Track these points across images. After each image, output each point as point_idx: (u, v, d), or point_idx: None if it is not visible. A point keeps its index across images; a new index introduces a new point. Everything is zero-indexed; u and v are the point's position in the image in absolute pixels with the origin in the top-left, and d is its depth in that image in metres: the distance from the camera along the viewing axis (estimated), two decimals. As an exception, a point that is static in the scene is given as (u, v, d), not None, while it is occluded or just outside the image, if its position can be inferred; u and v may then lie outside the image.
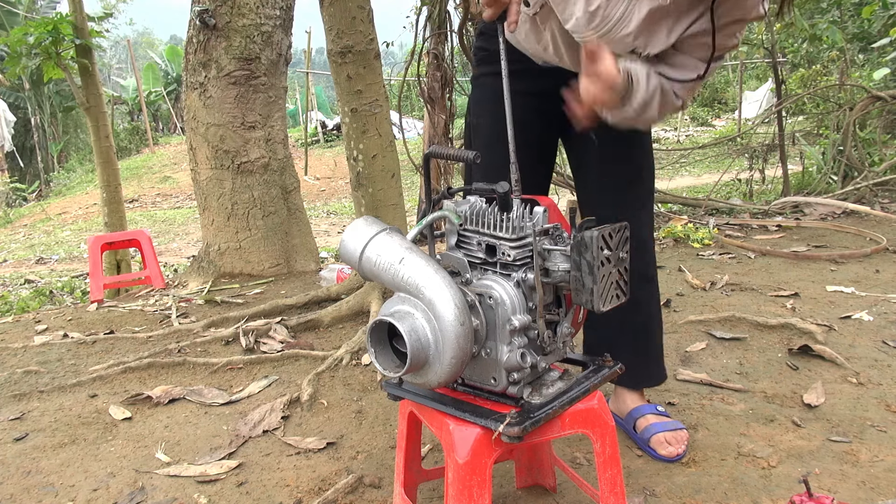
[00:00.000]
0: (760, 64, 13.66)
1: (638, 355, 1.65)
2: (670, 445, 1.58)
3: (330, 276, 3.35)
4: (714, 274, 3.19)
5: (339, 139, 14.84)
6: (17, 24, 11.92)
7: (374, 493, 1.50)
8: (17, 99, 14.89)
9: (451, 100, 4.65)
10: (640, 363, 1.66)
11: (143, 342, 2.60)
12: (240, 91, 3.57)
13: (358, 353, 2.29)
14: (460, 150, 1.12)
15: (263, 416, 1.89)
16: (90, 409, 2.01)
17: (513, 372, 1.02)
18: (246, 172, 3.65)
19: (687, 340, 2.32)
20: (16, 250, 8.18)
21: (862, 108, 5.14)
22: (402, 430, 1.25)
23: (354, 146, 2.62)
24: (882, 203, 4.61)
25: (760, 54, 9.84)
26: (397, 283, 1.01)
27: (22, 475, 1.65)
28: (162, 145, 15.83)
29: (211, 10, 3.44)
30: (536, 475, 1.47)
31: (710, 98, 16.92)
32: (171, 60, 19.61)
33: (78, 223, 10.03)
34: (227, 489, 1.56)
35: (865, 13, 4.98)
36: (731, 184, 6.49)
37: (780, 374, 2.03)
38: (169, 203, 11.34)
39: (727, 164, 6.65)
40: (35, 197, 13.43)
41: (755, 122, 8.75)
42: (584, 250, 0.98)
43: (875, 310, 2.52)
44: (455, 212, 1.11)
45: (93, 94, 4.71)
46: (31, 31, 4.47)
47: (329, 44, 2.51)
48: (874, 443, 1.61)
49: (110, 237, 4.38)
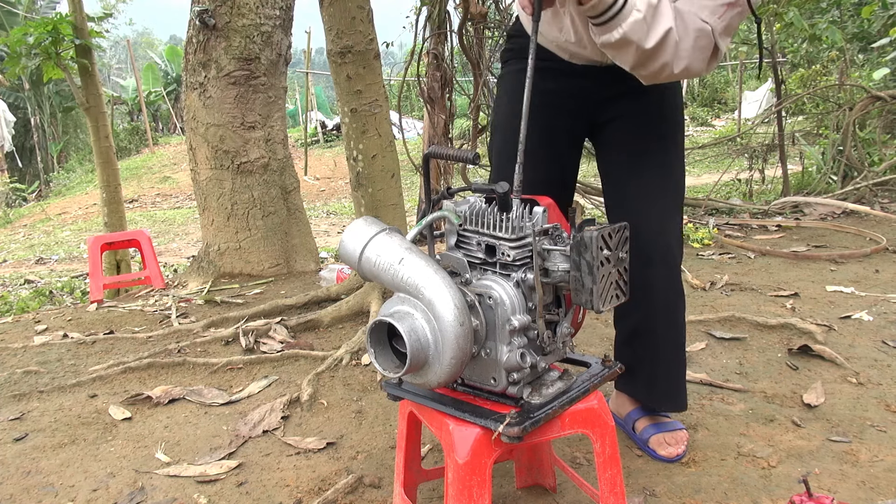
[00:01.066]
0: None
1: (671, 378, 1.60)
2: (670, 446, 1.58)
3: (330, 277, 3.35)
4: (714, 274, 3.19)
5: (338, 139, 14.85)
6: (16, 24, 11.92)
7: (373, 493, 1.50)
8: (16, 99, 14.88)
9: (450, 100, 4.65)
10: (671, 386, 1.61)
11: (142, 342, 2.60)
12: (239, 91, 3.57)
13: (358, 353, 2.29)
14: (460, 150, 1.12)
15: (263, 416, 1.89)
16: (90, 409, 2.01)
17: (512, 372, 1.02)
18: (246, 172, 3.65)
19: (687, 340, 2.32)
20: (15, 250, 8.18)
21: (862, 108, 5.14)
22: (401, 430, 1.25)
23: (354, 146, 2.62)
24: (882, 203, 4.61)
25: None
26: (397, 284, 1.01)
27: (22, 475, 1.65)
28: (162, 145, 15.82)
29: (211, 10, 3.44)
30: (536, 475, 1.47)
31: (710, 98, 16.92)
32: (170, 60, 19.59)
33: (78, 223, 10.02)
34: (227, 489, 1.56)
35: (865, 13, 4.98)
36: (730, 184, 6.49)
37: (780, 374, 2.03)
38: (169, 203, 11.33)
39: (727, 164, 6.65)
40: (35, 197, 13.42)
41: (755, 122, 8.75)
42: (583, 250, 0.98)
43: (875, 310, 2.52)
44: (455, 212, 1.11)
45: (92, 95, 4.71)
46: (31, 31, 4.47)
47: (329, 44, 2.51)
48: (874, 443, 1.61)
49: (110, 237, 4.38)
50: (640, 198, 1.54)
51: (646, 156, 1.56)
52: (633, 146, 1.57)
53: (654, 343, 1.57)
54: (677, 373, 1.61)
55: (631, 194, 1.56)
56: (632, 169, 1.57)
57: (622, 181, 1.59)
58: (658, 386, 1.60)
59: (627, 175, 1.57)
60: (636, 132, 1.57)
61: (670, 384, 1.60)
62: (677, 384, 1.61)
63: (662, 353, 1.58)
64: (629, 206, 1.55)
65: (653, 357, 1.58)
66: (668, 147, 1.58)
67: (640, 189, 1.55)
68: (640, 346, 1.59)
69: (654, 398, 1.62)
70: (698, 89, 17.20)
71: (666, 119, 1.58)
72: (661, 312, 1.56)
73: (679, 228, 1.61)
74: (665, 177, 1.56)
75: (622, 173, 1.59)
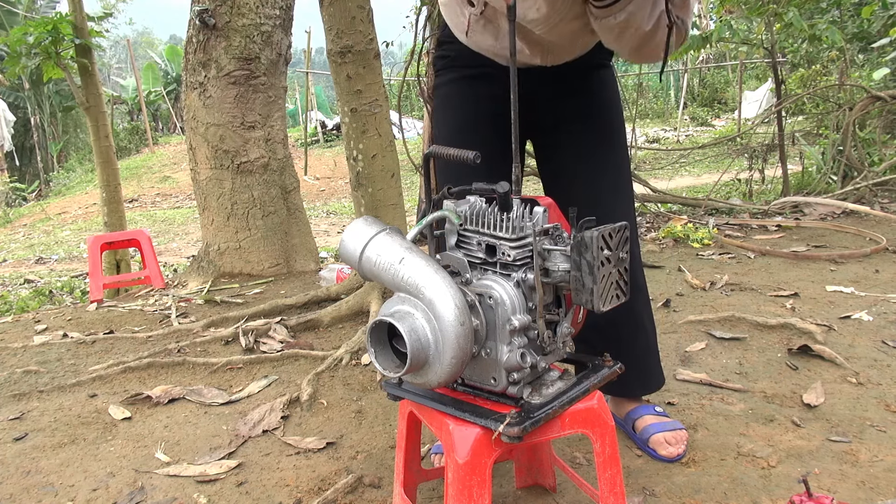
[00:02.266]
0: (760, 64, 13.66)
1: (637, 363, 1.62)
2: (670, 446, 1.58)
3: (330, 276, 3.36)
4: (714, 274, 3.19)
5: (338, 139, 14.84)
6: (16, 23, 11.91)
7: (373, 493, 1.50)
8: (16, 99, 14.87)
9: (450, 100, 4.64)
10: (639, 371, 1.64)
11: (142, 342, 2.60)
12: (239, 91, 3.57)
13: (358, 353, 2.29)
14: (460, 150, 1.12)
15: (263, 416, 1.89)
16: (90, 408, 2.01)
17: (513, 372, 1.02)
18: (246, 172, 3.65)
19: (686, 340, 2.32)
20: (15, 250, 8.17)
21: (862, 108, 5.14)
22: (401, 430, 1.25)
23: (354, 146, 2.62)
24: (882, 203, 4.61)
25: (760, 54, 9.84)
26: (397, 283, 1.01)
27: (22, 475, 1.65)
28: (161, 145, 15.81)
29: (210, 9, 3.44)
30: (536, 475, 1.47)
31: (710, 98, 16.92)
32: (170, 60, 19.59)
33: (77, 223, 10.02)
34: (227, 489, 1.56)
35: (865, 13, 4.98)
36: (730, 184, 6.49)
37: (780, 374, 2.03)
38: (169, 203, 11.33)
39: (727, 164, 6.65)
40: (35, 197, 13.41)
41: (755, 122, 8.76)
42: (584, 250, 0.98)
43: (875, 310, 2.52)
44: (455, 212, 1.11)
45: (92, 94, 4.71)
46: (31, 30, 4.47)
47: (329, 44, 2.51)
48: (874, 443, 1.61)
49: (110, 237, 4.38)
50: (591, 198, 1.55)
51: (594, 156, 1.57)
52: (581, 147, 1.58)
53: (616, 334, 1.59)
54: (645, 356, 1.65)
55: (581, 195, 1.56)
56: (583, 169, 1.58)
57: (572, 181, 1.59)
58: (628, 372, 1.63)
59: (577, 175, 1.58)
60: (583, 134, 1.58)
61: (639, 368, 1.63)
62: (646, 367, 1.66)
63: (626, 342, 1.62)
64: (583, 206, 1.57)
65: (617, 346, 1.60)
66: (615, 146, 1.59)
67: (591, 189, 1.56)
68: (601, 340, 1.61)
69: (627, 385, 1.62)
70: (698, 89, 17.20)
71: (611, 119, 1.60)
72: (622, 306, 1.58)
73: (633, 223, 1.63)
74: (616, 176, 1.59)
75: (571, 173, 1.60)
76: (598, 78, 1.61)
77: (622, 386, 1.64)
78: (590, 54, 1.56)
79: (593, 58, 1.58)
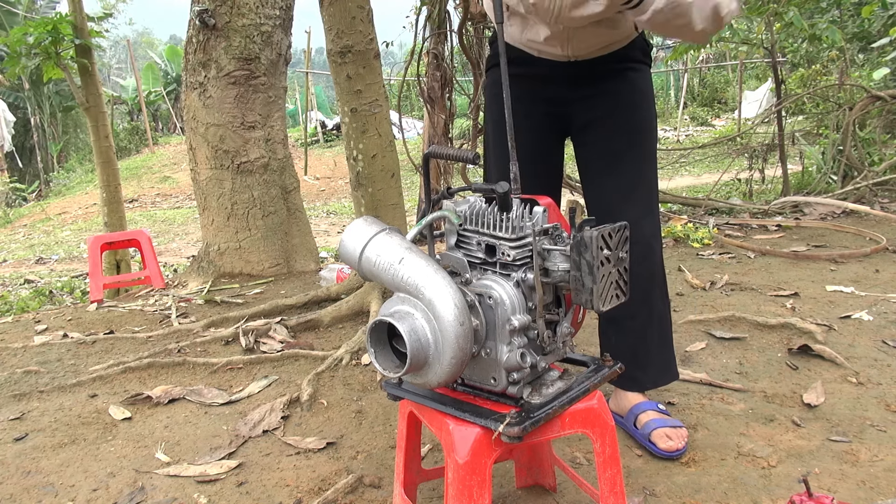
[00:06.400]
0: (760, 64, 13.66)
1: (653, 356, 1.69)
2: (671, 440, 1.58)
3: (330, 276, 3.35)
4: (714, 274, 3.19)
5: (338, 139, 14.84)
6: (16, 24, 11.91)
7: (373, 493, 1.50)
8: (16, 99, 14.87)
9: (450, 100, 4.66)
10: (655, 363, 1.70)
11: (142, 342, 2.60)
12: (239, 91, 3.57)
13: (358, 353, 2.29)
14: (460, 150, 1.12)
15: (263, 416, 1.89)
16: (90, 409, 2.01)
17: (513, 372, 1.02)
18: (246, 172, 3.65)
19: (687, 340, 2.32)
20: (15, 250, 8.17)
21: (862, 108, 5.14)
22: (401, 430, 1.25)
23: (354, 146, 2.62)
24: (882, 203, 4.61)
25: (760, 54, 9.83)
26: (397, 283, 1.01)
27: (22, 475, 1.65)
28: (161, 145, 15.81)
29: (210, 9, 3.44)
30: (536, 475, 1.47)
31: (710, 98, 16.92)
32: (170, 60, 19.58)
33: (78, 223, 10.02)
34: (227, 489, 1.56)
35: (865, 13, 4.98)
36: (730, 184, 6.49)
37: (780, 374, 2.03)
38: (169, 203, 11.33)
39: (727, 163, 6.65)
40: (35, 197, 13.41)
41: (755, 121, 8.75)
42: (583, 250, 0.98)
43: (875, 309, 2.52)
44: (455, 212, 1.11)
45: (92, 94, 4.70)
46: (31, 31, 4.46)
47: (329, 44, 2.51)
48: (874, 442, 1.61)
49: (110, 237, 4.38)
50: (616, 195, 1.62)
51: (620, 156, 1.62)
52: (609, 147, 1.63)
53: (633, 326, 1.66)
54: (663, 349, 1.71)
55: (608, 192, 1.64)
56: (608, 169, 1.63)
57: (599, 180, 1.66)
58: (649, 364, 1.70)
59: (604, 174, 1.64)
60: (611, 134, 1.63)
61: (661, 360, 1.71)
62: (663, 360, 1.71)
63: (648, 335, 1.67)
64: (606, 203, 1.64)
65: (635, 339, 1.67)
66: (635, 147, 1.63)
67: (616, 187, 1.63)
68: (619, 333, 1.68)
69: (639, 378, 1.70)
70: (698, 89, 17.20)
71: (635, 120, 1.64)
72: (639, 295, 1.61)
73: (656, 223, 1.68)
74: (634, 177, 1.63)
75: (599, 172, 1.66)
76: (627, 79, 1.63)
77: (631, 380, 1.69)
78: (620, 54, 1.59)
79: (624, 58, 1.61)
